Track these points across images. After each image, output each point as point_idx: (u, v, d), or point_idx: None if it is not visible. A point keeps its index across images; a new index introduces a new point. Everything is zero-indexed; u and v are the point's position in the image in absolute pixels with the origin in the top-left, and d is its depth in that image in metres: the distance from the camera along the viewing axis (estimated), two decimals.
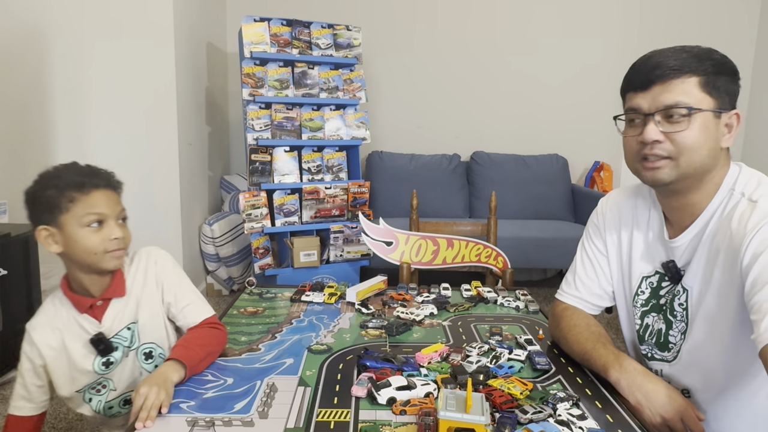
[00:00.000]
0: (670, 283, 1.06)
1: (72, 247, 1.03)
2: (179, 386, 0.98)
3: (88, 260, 1.04)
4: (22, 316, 2.29)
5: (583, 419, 0.87)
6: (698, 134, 0.93)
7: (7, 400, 2.11)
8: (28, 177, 1.10)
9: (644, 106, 0.96)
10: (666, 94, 0.94)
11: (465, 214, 3.87)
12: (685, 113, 0.92)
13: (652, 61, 0.96)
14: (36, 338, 1.09)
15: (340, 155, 3.20)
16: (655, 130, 0.94)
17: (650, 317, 1.10)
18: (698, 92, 0.93)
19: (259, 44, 2.97)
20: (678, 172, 0.95)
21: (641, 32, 4.03)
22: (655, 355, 1.08)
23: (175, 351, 1.02)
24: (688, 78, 0.93)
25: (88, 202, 1.04)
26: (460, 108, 4.14)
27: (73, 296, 1.09)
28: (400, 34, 4.05)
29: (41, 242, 1.05)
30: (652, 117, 0.95)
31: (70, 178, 1.05)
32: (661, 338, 1.06)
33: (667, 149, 0.95)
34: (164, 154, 2.99)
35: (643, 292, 1.11)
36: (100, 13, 2.86)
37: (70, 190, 1.04)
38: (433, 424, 0.80)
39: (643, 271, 1.11)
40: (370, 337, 1.24)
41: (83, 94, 2.92)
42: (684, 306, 1.02)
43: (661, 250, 1.08)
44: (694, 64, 0.93)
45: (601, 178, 3.95)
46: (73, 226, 1.03)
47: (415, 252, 1.86)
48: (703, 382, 1.00)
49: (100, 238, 1.04)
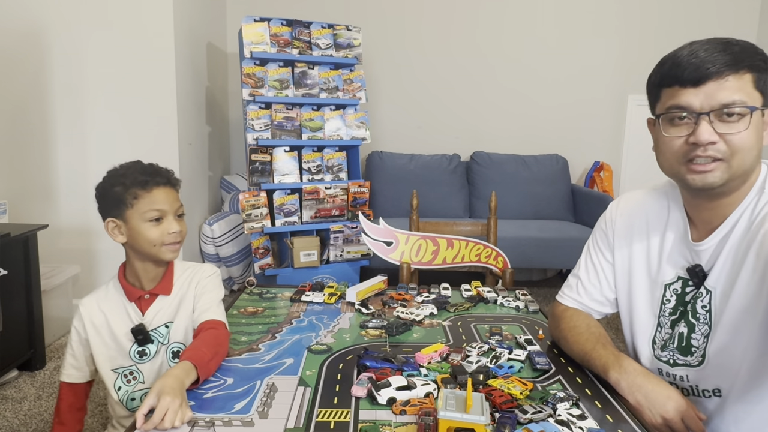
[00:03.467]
0: (695, 288, 1.01)
1: (135, 238, 1.15)
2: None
3: (149, 251, 1.16)
4: (22, 316, 2.29)
5: (582, 419, 0.87)
6: (752, 134, 0.88)
7: (7, 399, 2.11)
8: (28, 177, 1.12)
9: (695, 104, 0.88)
10: (723, 91, 0.86)
11: (465, 214, 3.87)
12: (744, 112, 0.87)
13: (702, 56, 0.88)
14: (83, 312, 1.19)
15: (340, 155, 3.20)
16: (710, 131, 0.87)
17: (681, 325, 1.03)
18: (752, 89, 0.87)
19: (259, 44, 2.97)
20: (729, 174, 0.89)
21: (641, 32, 4.03)
22: (678, 361, 1.03)
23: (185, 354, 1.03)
24: (744, 74, 0.87)
25: (149, 199, 1.15)
26: (460, 108, 4.14)
27: (126, 285, 1.20)
28: (400, 35, 4.05)
29: (108, 233, 1.17)
30: (706, 116, 0.88)
31: (134, 176, 1.15)
32: (683, 342, 1.02)
33: (721, 151, 0.88)
34: (164, 154, 2.99)
35: (668, 300, 1.06)
36: (99, 13, 2.86)
37: (135, 188, 1.14)
38: (433, 424, 0.80)
39: (665, 278, 1.06)
40: (370, 337, 1.24)
41: (83, 94, 2.92)
42: (707, 308, 0.98)
43: (685, 252, 1.03)
44: (748, 58, 0.87)
45: (601, 178, 3.95)
46: (137, 220, 1.14)
47: (415, 252, 1.86)
48: (728, 385, 0.97)
49: (159, 232, 1.15)
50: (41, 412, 2.03)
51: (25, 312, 2.32)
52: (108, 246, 2.82)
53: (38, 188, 2.91)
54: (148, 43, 2.92)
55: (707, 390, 1.00)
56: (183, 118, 3.09)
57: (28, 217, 2.72)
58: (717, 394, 0.99)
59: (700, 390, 1.01)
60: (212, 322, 1.15)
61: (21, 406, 2.07)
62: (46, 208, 2.90)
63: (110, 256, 2.91)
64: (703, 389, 1.00)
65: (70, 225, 2.91)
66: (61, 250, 2.86)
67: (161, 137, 2.98)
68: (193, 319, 1.21)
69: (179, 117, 3.02)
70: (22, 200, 2.82)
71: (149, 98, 2.96)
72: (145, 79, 2.94)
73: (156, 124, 2.98)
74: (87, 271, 2.92)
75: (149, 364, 1.18)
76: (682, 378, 1.03)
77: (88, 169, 2.91)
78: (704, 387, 1.00)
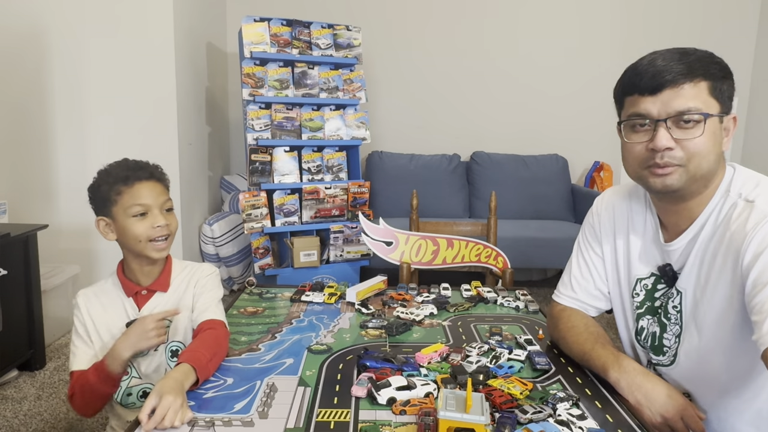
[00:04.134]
0: (666, 286, 1.05)
1: (123, 235, 1.16)
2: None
3: (136, 247, 1.15)
4: (22, 316, 2.30)
5: (582, 419, 0.87)
6: (708, 140, 0.91)
7: (7, 399, 2.11)
8: (28, 177, 1.13)
9: (653, 112, 0.92)
10: (679, 99, 0.90)
11: (465, 214, 3.87)
12: (699, 119, 0.90)
13: (659, 64, 0.92)
14: (80, 302, 1.19)
15: (340, 155, 3.20)
16: (667, 137, 0.91)
17: (645, 320, 1.08)
18: (707, 97, 0.91)
19: (259, 44, 2.97)
20: (687, 177, 0.93)
21: (641, 32, 4.03)
22: (652, 359, 1.07)
23: (184, 355, 1.02)
24: (699, 82, 0.90)
25: (131, 194, 1.14)
26: (460, 108, 4.14)
27: (124, 280, 1.20)
28: (400, 35, 4.05)
29: (100, 231, 1.17)
30: (663, 123, 0.91)
31: (117, 173, 1.16)
32: (655, 341, 1.05)
33: (678, 156, 0.92)
34: (164, 154, 2.99)
35: (638, 294, 1.10)
36: (99, 13, 2.86)
37: (118, 184, 1.14)
38: (433, 424, 0.80)
39: (639, 273, 1.10)
40: (370, 337, 1.24)
41: (83, 94, 2.92)
42: (678, 309, 1.01)
43: (656, 252, 1.07)
44: (702, 67, 0.90)
45: (601, 178, 3.95)
46: (122, 216, 1.14)
47: (415, 252, 1.86)
48: (704, 385, 0.99)
49: (144, 227, 1.14)
50: (41, 412, 2.03)
51: (25, 312, 2.31)
52: (108, 246, 2.80)
53: (38, 188, 2.91)
54: (148, 43, 2.92)
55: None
56: (183, 118, 3.09)
57: (28, 217, 2.72)
58: (688, 397, 1.00)
59: None
60: (211, 322, 1.15)
61: (21, 406, 2.07)
62: (46, 208, 2.90)
63: (110, 256, 2.90)
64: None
65: (70, 225, 2.91)
66: (61, 250, 2.86)
67: (161, 137, 2.98)
68: (192, 318, 1.20)
69: (179, 117, 3.02)
70: (22, 200, 2.82)
71: (149, 98, 2.96)
72: (145, 79, 2.94)
73: (156, 124, 2.98)
74: (87, 271, 2.92)
75: (145, 360, 1.17)
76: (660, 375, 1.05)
77: (88, 169, 2.86)
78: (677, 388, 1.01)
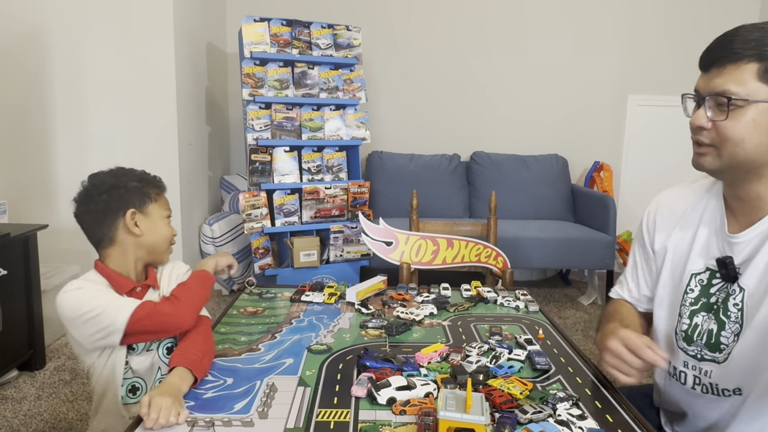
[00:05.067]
0: (722, 281, 1.00)
1: (153, 233, 1.19)
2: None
3: (161, 247, 1.21)
4: (22, 316, 2.29)
5: (582, 419, 0.87)
6: (743, 127, 0.87)
7: (7, 399, 2.11)
8: (28, 177, 1.12)
9: (700, 88, 0.92)
10: (718, 79, 0.88)
11: (465, 214, 3.87)
12: (737, 103, 0.87)
13: (720, 40, 0.90)
14: (84, 284, 1.13)
15: (340, 155, 3.20)
16: (700, 115, 0.90)
17: (699, 316, 1.03)
18: (754, 81, 0.86)
19: (259, 44, 2.97)
20: (721, 162, 0.91)
21: (641, 32, 4.03)
22: (705, 356, 1.02)
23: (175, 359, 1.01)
24: (747, 64, 0.86)
25: (164, 198, 1.24)
26: (460, 108, 4.14)
27: (117, 277, 1.17)
28: (400, 35, 4.05)
29: (126, 223, 1.15)
30: (703, 101, 0.90)
31: (145, 178, 1.22)
32: (711, 339, 1.00)
33: (710, 137, 0.91)
34: (164, 154, 2.99)
35: (692, 290, 1.05)
36: (99, 13, 2.86)
37: (151, 186, 1.21)
38: (433, 424, 0.80)
39: (693, 268, 1.05)
40: (370, 337, 1.24)
41: (83, 94, 2.92)
42: (740, 306, 0.96)
43: (717, 244, 1.02)
44: (754, 48, 0.86)
45: (601, 178, 3.95)
46: (158, 215, 1.20)
47: (415, 252, 1.86)
48: (747, 384, 0.96)
49: (171, 231, 1.23)
50: (41, 412, 2.03)
51: (25, 312, 2.32)
52: None
53: (38, 188, 2.91)
54: (148, 43, 2.92)
55: (727, 389, 0.99)
56: (183, 118, 3.09)
57: (28, 217, 2.72)
58: (737, 393, 0.98)
59: (720, 389, 1.00)
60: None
61: (21, 406, 2.07)
62: (46, 208, 2.90)
63: None
64: (723, 388, 1.00)
65: (70, 225, 2.86)
66: (61, 250, 2.86)
67: (161, 137, 2.98)
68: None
69: (179, 117, 3.02)
70: (22, 200, 2.82)
71: (149, 98, 2.96)
72: (145, 80, 2.94)
73: (156, 125, 2.98)
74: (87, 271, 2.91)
75: (140, 358, 1.15)
76: (707, 373, 1.02)
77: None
78: (724, 386, 0.99)
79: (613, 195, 3.88)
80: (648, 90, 4.09)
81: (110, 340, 1.08)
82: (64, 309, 1.09)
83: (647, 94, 4.10)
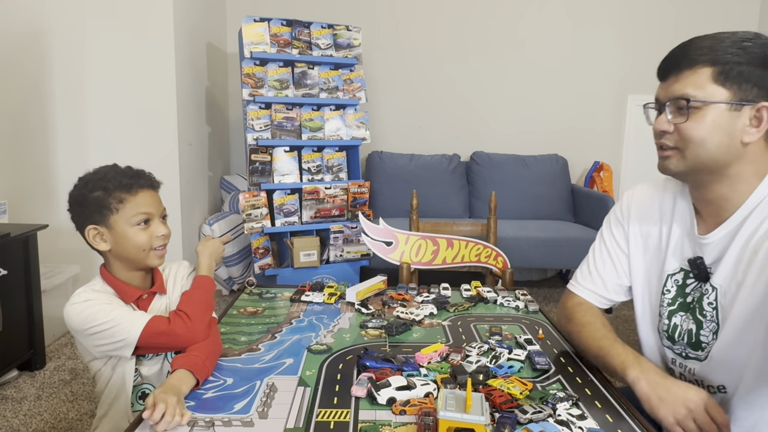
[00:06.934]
0: (696, 281, 1.03)
1: (122, 245, 1.11)
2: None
3: (137, 257, 1.13)
4: (22, 316, 2.30)
5: (582, 419, 0.87)
6: (703, 128, 0.91)
7: (7, 399, 2.11)
8: (28, 177, 1.11)
9: (660, 96, 0.97)
10: (676, 85, 0.93)
11: (465, 214, 3.87)
12: (695, 105, 0.91)
13: (674, 50, 0.95)
14: (92, 296, 1.10)
15: (340, 155, 3.20)
16: (662, 121, 0.95)
17: (678, 316, 1.06)
18: (709, 84, 0.90)
19: (259, 44, 2.97)
20: (685, 164, 0.95)
21: (641, 32, 4.03)
22: (689, 354, 1.04)
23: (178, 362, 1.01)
24: (702, 68, 0.91)
25: (135, 202, 1.11)
26: (460, 108, 4.14)
27: (123, 286, 1.14)
28: (400, 35, 4.05)
29: (90, 240, 1.12)
30: (663, 107, 0.95)
31: (117, 179, 1.12)
32: (692, 338, 1.03)
33: (673, 140, 0.95)
34: (164, 154, 2.99)
35: (668, 290, 1.08)
36: (99, 13, 2.86)
37: (119, 192, 1.11)
38: (433, 424, 0.80)
39: (668, 268, 1.08)
40: (370, 337, 1.24)
41: (83, 94, 2.92)
42: (714, 305, 0.99)
43: (689, 245, 1.04)
44: (708, 54, 0.90)
45: (601, 178, 3.95)
46: (123, 225, 1.11)
47: (415, 252, 1.86)
48: (731, 381, 0.98)
49: (147, 236, 1.12)
50: (41, 412, 2.03)
51: (25, 312, 2.32)
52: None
53: (38, 188, 2.91)
54: (148, 43, 2.92)
55: (712, 386, 1.01)
56: (183, 118, 3.09)
57: (28, 217, 2.72)
58: (722, 390, 0.99)
59: (705, 386, 1.02)
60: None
61: (21, 406, 2.07)
62: (46, 208, 2.90)
63: None
64: (708, 385, 1.01)
65: (70, 225, 2.88)
66: (61, 250, 2.86)
67: (161, 137, 2.98)
68: None
69: (179, 117, 3.02)
70: (22, 200, 2.82)
71: (149, 98, 2.96)
72: (145, 80, 2.94)
73: (156, 125, 2.98)
74: (87, 271, 2.92)
75: (149, 363, 1.16)
76: (691, 370, 1.04)
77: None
78: (709, 383, 1.01)
79: (613, 195, 3.88)
80: (648, 90, 4.00)
81: (121, 353, 1.08)
82: (73, 321, 1.08)
83: (647, 94, 4.03)
